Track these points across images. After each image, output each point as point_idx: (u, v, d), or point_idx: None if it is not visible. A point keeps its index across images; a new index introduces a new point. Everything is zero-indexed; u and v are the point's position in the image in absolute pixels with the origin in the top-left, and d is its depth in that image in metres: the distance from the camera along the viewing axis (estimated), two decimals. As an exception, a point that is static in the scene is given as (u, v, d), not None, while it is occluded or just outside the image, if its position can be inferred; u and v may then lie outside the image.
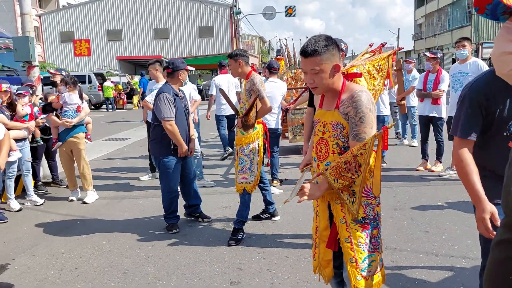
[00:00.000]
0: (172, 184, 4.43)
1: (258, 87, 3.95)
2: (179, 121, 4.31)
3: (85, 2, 40.92)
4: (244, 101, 4.08)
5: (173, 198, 4.48)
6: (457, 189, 5.46)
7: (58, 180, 6.54)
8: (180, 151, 4.34)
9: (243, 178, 4.07)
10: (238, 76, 4.22)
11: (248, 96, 4.03)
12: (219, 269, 3.53)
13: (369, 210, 2.28)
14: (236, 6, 30.02)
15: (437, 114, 6.28)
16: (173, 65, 4.37)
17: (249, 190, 4.11)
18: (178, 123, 4.30)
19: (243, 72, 4.12)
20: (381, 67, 3.55)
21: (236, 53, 4.08)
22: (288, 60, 9.12)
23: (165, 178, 4.42)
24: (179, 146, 4.31)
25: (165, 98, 4.21)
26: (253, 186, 4.12)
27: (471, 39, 6.01)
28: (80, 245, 4.18)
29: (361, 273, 2.25)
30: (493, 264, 1.22)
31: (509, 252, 1.15)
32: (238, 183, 4.12)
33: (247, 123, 3.99)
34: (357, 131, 2.17)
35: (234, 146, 4.43)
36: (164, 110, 4.18)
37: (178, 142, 4.29)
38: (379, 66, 3.52)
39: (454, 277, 3.21)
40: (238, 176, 4.11)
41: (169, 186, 4.42)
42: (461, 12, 36.89)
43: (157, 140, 4.40)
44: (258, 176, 4.14)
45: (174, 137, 4.27)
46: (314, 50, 2.16)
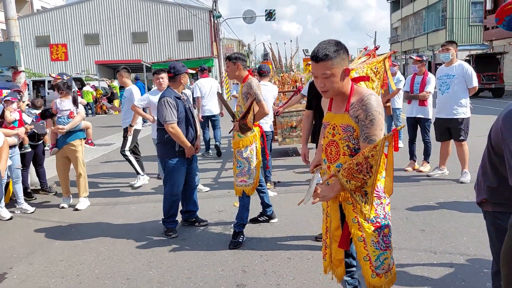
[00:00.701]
0: (175, 187, 4.44)
1: (255, 91, 4.00)
2: (183, 123, 4.37)
3: (61, 6, 40.20)
4: (241, 104, 4.11)
5: (175, 202, 4.48)
6: (446, 188, 5.62)
7: (47, 187, 6.42)
8: (186, 152, 4.39)
9: (242, 181, 4.10)
10: (235, 78, 4.25)
11: (245, 100, 4.06)
12: (224, 272, 3.54)
13: (380, 210, 2.35)
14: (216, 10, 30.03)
15: (424, 116, 6.45)
16: (174, 70, 4.42)
17: (248, 193, 4.14)
18: (182, 125, 4.35)
19: (240, 75, 4.15)
20: (378, 70, 3.64)
21: (235, 56, 4.12)
22: (274, 64, 9.18)
23: (170, 180, 4.43)
24: (185, 147, 4.36)
25: (166, 102, 4.25)
26: (252, 188, 4.14)
27: (456, 42, 6.18)
28: (78, 252, 4.12)
29: (375, 271, 2.31)
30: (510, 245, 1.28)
31: None
32: (237, 186, 4.14)
33: (245, 126, 4.03)
34: (368, 133, 2.24)
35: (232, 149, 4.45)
36: (166, 114, 4.22)
37: (183, 144, 4.34)
38: (376, 69, 3.62)
39: (454, 273, 3.31)
40: (237, 179, 4.13)
41: (172, 189, 4.43)
42: (436, 16, 37.81)
43: (162, 143, 4.45)
44: (257, 179, 4.17)
45: (178, 139, 4.31)
46: (325, 55, 2.21)
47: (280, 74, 9.08)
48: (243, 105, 4.10)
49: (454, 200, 5.09)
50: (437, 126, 6.09)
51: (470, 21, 35.21)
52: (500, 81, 21.28)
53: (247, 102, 4.04)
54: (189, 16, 36.93)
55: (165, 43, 38.36)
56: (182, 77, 4.43)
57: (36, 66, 37.52)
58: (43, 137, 6.14)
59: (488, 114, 13.27)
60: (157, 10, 38.08)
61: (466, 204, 4.86)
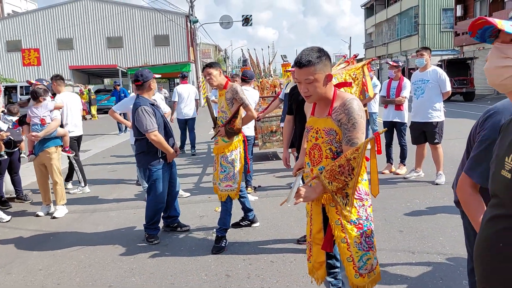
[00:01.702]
0: (160, 195, 4.41)
1: (241, 96, 4.05)
2: (161, 129, 4.35)
3: (33, 10, 39.35)
4: (225, 110, 4.13)
5: (159, 210, 4.46)
6: (423, 190, 5.77)
7: (22, 196, 6.28)
8: (168, 157, 4.40)
9: (227, 186, 4.12)
10: (216, 85, 4.27)
11: (230, 105, 4.08)
12: (207, 277, 3.55)
13: (362, 211, 2.42)
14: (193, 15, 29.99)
15: (400, 120, 6.62)
16: (142, 77, 4.38)
17: (233, 197, 4.17)
18: (161, 131, 4.34)
19: (220, 83, 4.19)
20: (357, 76, 3.74)
21: (214, 63, 4.20)
22: (253, 69, 9.25)
23: (156, 188, 4.38)
24: (167, 153, 4.36)
25: (144, 111, 4.20)
26: (236, 193, 4.18)
27: (429, 48, 6.38)
28: (57, 261, 4.05)
29: (358, 271, 2.38)
30: (484, 238, 1.37)
31: (498, 225, 1.30)
32: (221, 191, 4.15)
33: (232, 131, 4.06)
34: (350, 137, 2.31)
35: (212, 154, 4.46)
36: (146, 122, 4.18)
37: (165, 150, 4.33)
38: (354, 75, 3.71)
39: (432, 272, 3.41)
40: (222, 184, 4.15)
41: (157, 197, 4.39)
42: (408, 22, 38.73)
43: (144, 152, 4.37)
44: (240, 183, 4.21)
45: (161, 146, 4.29)
46: (308, 61, 2.28)
47: (259, 79, 9.16)
48: (228, 110, 4.11)
49: (430, 201, 5.23)
50: (412, 129, 6.26)
51: (441, 27, 36.25)
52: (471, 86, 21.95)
53: (233, 108, 4.07)
54: (165, 21, 36.72)
55: (141, 48, 38.00)
56: (151, 83, 4.43)
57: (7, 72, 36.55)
58: (19, 144, 6.01)
59: (459, 118, 13.68)
60: (132, 15, 37.72)
61: (441, 205, 5.00)
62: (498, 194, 1.32)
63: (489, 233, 1.34)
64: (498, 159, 1.35)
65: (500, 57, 1.31)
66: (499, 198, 1.32)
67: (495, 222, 1.32)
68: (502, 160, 1.31)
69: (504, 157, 1.30)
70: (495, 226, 1.32)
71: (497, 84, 1.36)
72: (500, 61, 1.31)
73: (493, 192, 1.35)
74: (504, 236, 1.27)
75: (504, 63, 1.30)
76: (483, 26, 1.35)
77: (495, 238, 1.30)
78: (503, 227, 1.28)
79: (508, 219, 1.26)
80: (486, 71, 1.37)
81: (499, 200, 1.32)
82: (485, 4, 26.75)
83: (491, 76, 1.36)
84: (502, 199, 1.30)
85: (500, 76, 1.33)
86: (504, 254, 1.26)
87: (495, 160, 1.37)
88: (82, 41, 37.64)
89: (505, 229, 1.27)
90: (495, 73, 1.34)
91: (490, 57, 1.35)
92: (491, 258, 1.32)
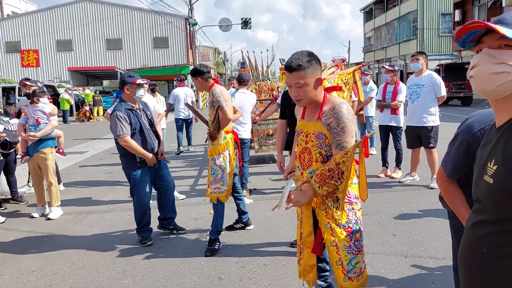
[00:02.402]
0: (142, 198, 4.40)
1: (217, 98, 4.02)
2: (138, 134, 4.30)
3: (32, 11, 39.41)
4: (210, 113, 4.17)
5: (145, 212, 4.45)
6: (417, 194, 5.78)
7: (18, 197, 6.27)
8: (148, 162, 4.35)
9: (215, 188, 4.13)
10: (203, 90, 4.29)
11: (212, 109, 4.10)
12: (200, 280, 3.55)
13: (351, 215, 2.43)
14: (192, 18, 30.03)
15: (396, 124, 6.64)
16: (120, 81, 4.40)
17: (222, 200, 4.17)
18: (138, 136, 4.30)
19: (206, 86, 4.21)
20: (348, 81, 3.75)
21: (194, 71, 4.18)
22: (251, 72, 9.26)
23: (136, 191, 4.40)
24: (145, 158, 4.31)
25: (115, 117, 4.20)
26: (226, 195, 4.19)
27: (425, 52, 6.41)
28: (50, 262, 4.05)
29: (347, 275, 2.38)
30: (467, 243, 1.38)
31: (481, 230, 1.31)
32: (211, 194, 4.17)
33: (212, 135, 4.09)
34: (339, 141, 2.33)
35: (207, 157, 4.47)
36: (116, 128, 4.18)
37: (140, 154, 4.29)
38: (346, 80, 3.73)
39: (424, 276, 3.42)
40: (211, 187, 4.16)
41: (139, 200, 4.40)
42: (407, 26, 38.85)
43: (123, 155, 4.38)
44: (230, 186, 4.22)
45: (133, 151, 4.26)
46: (298, 65, 2.30)
47: (257, 82, 9.17)
48: (211, 113, 4.15)
49: (425, 205, 5.24)
50: (408, 133, 6.28)
51: (440, 32, 36.36)
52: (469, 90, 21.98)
53: (214, 111, 4.09)
54: (165, 23, 36.80)
55: (140, 50, 38.06)
56: (127, 88, 4.30)
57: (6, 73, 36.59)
58: (15, 145, 6.01)
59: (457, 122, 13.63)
60: (132, 17, 37.79)
61: (435, 209, 5.01)
62: (481, 200, 1.33)
63: (472, 238, 1.35)
64: (480, 165, 1.35)
65: (493, 62, 1.27)
66: (482, 203, 1.32)
67: (478, 227, 1.32)
68: (484, 166, 1.31)
69: (487, 163, 1.31)
70: (478, 231, 1.32)
71: (489, 91, 1.30)
72: (494, 67, 1.27)
73: (476, 197, 1.36)
74: (487, 241, 1.28)
75: (498, 69, 1.26)
76: (470, 31, 1.34)
77: (479, 243, 1.31)
78: (486, 233, 1.28)
79: (491, 224, 1.27)
80: (476, 78, 1.32)
81: (481, 205, 1.32)
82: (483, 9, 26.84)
83: (483, 82, 1.31)
84: (484, 205, 1.30)
85: (493, 83, 1.28)
86: (487, 259, 1.27)
87: (478, 166, 1.37)
88: (81, 43, 37.69)
89: (489, 234, 1.28)
90: (488, 80, 1.28)
91: (481, 63, 1.30)
92: (474, 263, 1.33)
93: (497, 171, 1.24)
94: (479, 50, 1.33)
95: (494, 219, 1.26)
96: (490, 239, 1.27)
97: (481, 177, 1.32)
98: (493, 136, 1.35)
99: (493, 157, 1.28)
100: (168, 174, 4.68)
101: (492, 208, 1.27)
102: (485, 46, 1.31)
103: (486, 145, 1.37)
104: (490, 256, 1.26)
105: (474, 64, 1.32)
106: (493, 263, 1.25)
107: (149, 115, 4.54)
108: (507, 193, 1.20)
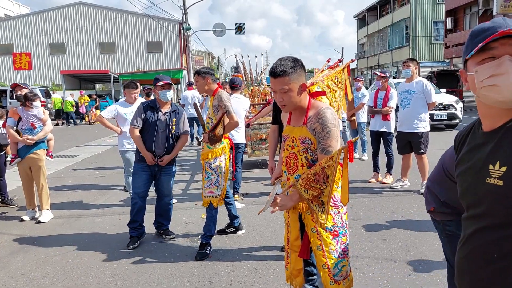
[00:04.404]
0: (134, 189, 4.56)
1: (226, 103, 4.06)
2: (148, 131, 4.46)
3: (25, 14, 39.26)
4: (211, 116, 4.16)
5: (134, 206, 4.54)
6: (408, 199, 5.83)
7: (8, 200, 6.22)
8: (146, 159, 4.49)
9: (209, 192, 4.14)
10: (205, 92, 4.30)
11: (216, 112, 4.11)
12: (190, 284, 3.55)
13: (337, 219, 2.46)
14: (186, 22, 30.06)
15: (387, 129, 6.69)
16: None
17: (215, 204, 4.18)
18: (146, 133, 4.47)
19: (210, 89, 4.22)
20: (339, 80, 3.77)
21: (204, 71, 4.19)
22: (245, 77, 9.29)
23: (131, 182, 4.64)
24: (141, 151, 4.49)
25: (137, 108, 4.58)
26: (220, 200, 4.19)
27: (416, 59, 6.48)
28: (40, 266, 4.02)
29: (333, 278, 2.40)
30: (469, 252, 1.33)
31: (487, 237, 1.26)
32: (205, 197, 4.17)
33: (214, 138, 4.07)
34: (324, 145, 2.36)
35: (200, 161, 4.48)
36: (132, 117, 4.61)
37: (138, 146, 4.53)
38: (336, 79, 3.74)
39: (413, 280, 3.44)
40: (205, 191, 4.17)
41: (133, 192, 4.59)
42: (400, 33, 39.20)
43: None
44: (225, 190, 4.23)
45: (135, 141, 4.55)
46: (282, 71, 2.34)
47: (250, 87, 9.20)
48: (213, 117, 4.15)
49: (415, 211, 5.29)
50: (398, 139, 6.33)
51: (432, 39, 36.73)
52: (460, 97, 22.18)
53: (218, 115, 4.10)
54: (159, 28, 36.80)
55: (134, 54, 38.02)
56: (154, 89, 4.56)
57: (-2, 75, 36.35)
58: (5, 148, 5.98)
59: (448, 129, 13.84)
60: (125, 21, 37.77)
61: (425, 214, 5.01)
62: (481, 204, 1.28)
63: (475, 246, 1.30)
64: (475, 169, 1.31)
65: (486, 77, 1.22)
66: (481, 208, 1.28)
67: (482, 234, 1.28)
68: (483, 169, 1.27)
69: (487, 166, 1.26)
70: (482, 238, 1.28)
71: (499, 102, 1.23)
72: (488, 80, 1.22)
73: (472, 202, 1.32)
74: (497, 247, 1.23)
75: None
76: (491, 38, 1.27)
77: (486, 251, 1.26)
78: (495, 238, 1.24)
79: (500, 229, 1.23)
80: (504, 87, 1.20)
81: (481, 210, 1.28)
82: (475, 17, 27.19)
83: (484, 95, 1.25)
84: (488, 209, 1.26)
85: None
86: (501, 265, 1.23)
87: (469, 171, 1.33)
88: (74, 46, 37.57)
89: (499, 239, 1.23)
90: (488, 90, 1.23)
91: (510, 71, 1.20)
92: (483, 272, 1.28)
93: (508, 172, 1.20)
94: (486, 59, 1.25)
95: (500, 222, 1.22)
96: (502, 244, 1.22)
97: (481, 181, 1.27)
98: (483, 139, 1.31)
99: (498, 159, 1.24)
100: (166, 181, 4.67)
101: (502, 212, 1.22)
102: (498, 53, 1.23)
103: (477, 149, 1.33)
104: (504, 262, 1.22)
105: (497, 72, 1.21)
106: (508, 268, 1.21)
107: (168, 120, 4.52)
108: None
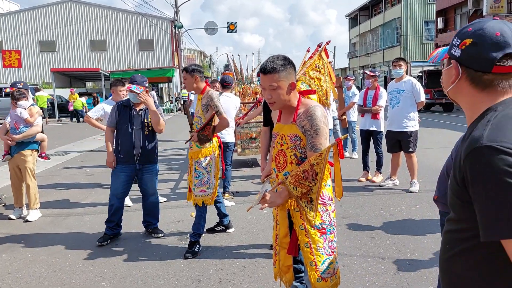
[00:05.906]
0: (112, 190, 4.57)
1: (216, 103, 4.04)
2: (122, 130, 4.49)
3: (15, 11, 38.85)
4: (200, 115, 4.13)
5: (111, 206, 4.55)
6: (396, 197, 5.87)
7: (-5, 198, 6.16)
8: (107, 159, 4.57)
9: (201, 191, 4.12)
10: (193, 90, 4.25)
11: (205, 111, 4.09)
12: (178, 282, 3.54)
13: (325, 216, 2.47)
14: (178, 20, 29.99)
15: (377, 128, 6.73)
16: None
17: (207, 203, 4.17)
18: (121, 133, 4.49)
19: (198, 87, 4.18)
20: (319, 66, 3.72)
21: (192, 68, 4.12)
22: (235, 75, 9.28)
23: (111, 183, 4.61)
24: (107, 153, 4.56)
25: (111, 108, 4.64)
26: (212, 198, 4.18)
27: (406, 59, 6.52)
28: (27, 265, 3.99)
29: (321, 275, 2.41)
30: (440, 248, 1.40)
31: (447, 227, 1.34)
32: (196, 197, 4.15)
33: (205, 137, 4.05)
34: (313, 143, 2.37)
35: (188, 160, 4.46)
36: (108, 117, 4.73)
37: (106, 146, 4.61)
38: (317, 66, 3.70)
39: (400, 278, 3.47)
40: (196, 190, 4.15)
41: (110, 193, 4.60)
42: (391, 33, 39.43)
43: None
44: (216, 189, 4.22)
45: (105, 141, 4.65)
46: (272, 68, 2.35)
47: (241, 85, 9.20)
48: (202, 116, 4.11)
49: (403, 209, 5.32)
50: (388, 138, 6.37)
51: (423, 39, 37.00)
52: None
53: (207, 114, 4.07)
54: (150, 26, 36.64)
55: (125, 52, 37.80)
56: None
57: (-13, 72, 35.93)
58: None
59: (438, 128, 13.96)
60: (117, 18, 37.53)
61: (414, 213, 5.10)
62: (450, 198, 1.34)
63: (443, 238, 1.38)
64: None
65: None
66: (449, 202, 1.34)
67: (447, 227, 1.36)
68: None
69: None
70: (446, 229, 1.36)
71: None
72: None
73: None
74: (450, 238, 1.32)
75: None
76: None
77: (444, 241, 1.35)
78: (451, 230, 1.32)
79: (455, 222, 1.30)
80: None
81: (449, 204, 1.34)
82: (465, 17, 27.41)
83: None
84: (449, 203, 1.32)
85: None
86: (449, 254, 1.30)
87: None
88: (64, 44, 37.26)
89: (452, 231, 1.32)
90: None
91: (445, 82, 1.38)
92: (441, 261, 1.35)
93: None
94: None
95: (455, 217, 1.30)
96: (452, 236, 1.31)
97: None
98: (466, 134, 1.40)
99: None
100: (149, 180, 4.66)
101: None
102: None
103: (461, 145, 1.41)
104: (450, 252, 1.30)
105: None
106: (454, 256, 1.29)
107: (144, 121, 4.51)
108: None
